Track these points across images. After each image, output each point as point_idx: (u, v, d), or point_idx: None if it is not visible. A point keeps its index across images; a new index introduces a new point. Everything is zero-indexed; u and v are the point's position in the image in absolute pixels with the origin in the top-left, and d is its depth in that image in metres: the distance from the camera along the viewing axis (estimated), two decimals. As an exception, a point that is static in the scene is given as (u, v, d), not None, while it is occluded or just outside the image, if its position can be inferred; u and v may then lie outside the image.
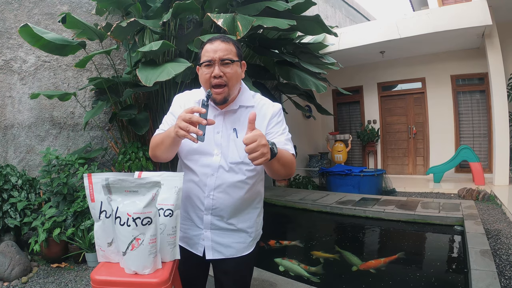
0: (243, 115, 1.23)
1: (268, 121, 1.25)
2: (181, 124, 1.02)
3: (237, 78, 1.20)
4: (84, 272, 2.80)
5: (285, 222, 4.76)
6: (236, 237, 1.28)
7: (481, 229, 3.17)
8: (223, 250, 1.28)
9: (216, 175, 1.21)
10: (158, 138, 1.22)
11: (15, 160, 3.48)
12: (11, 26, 3.51)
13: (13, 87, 3.52)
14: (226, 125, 1.23)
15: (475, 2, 5.08)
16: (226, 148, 1.21)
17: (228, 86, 1.17)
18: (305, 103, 7.17)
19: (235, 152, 1.20)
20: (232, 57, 1.17)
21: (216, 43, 1.17)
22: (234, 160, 1.20)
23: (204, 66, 1.18)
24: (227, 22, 2.97)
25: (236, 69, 1.19)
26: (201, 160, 1.22)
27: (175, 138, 1.09)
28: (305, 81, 4.06)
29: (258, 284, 2.28)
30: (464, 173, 6.59)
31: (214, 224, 1.26)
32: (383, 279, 2.62)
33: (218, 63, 1.15)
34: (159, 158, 1.25)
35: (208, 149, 1.21)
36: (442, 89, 6.96)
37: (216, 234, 1.27)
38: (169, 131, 1.12)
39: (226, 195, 1.22)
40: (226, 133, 1.22)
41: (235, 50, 1.20)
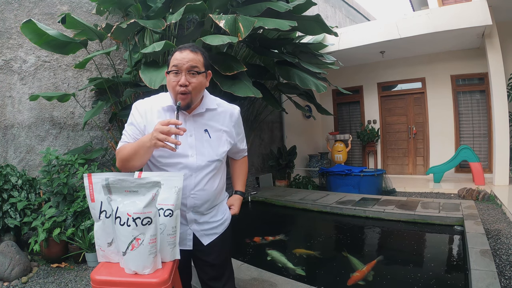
0: (211, 118, 1.36)
1: (235, 123, 1.43)
2: (160, 136, 1.10)
3: (201, 88, 1.29)
4: (84, 272, 2.80)
5: (285, 222, 4.76)
6: (218, 216, 1.45)
7: (481, 229, 3.17)
8: (214, 230, 1.43)
9: (194, 175, 1.31)
10: (129, 149, 1.25)
11: (15, 160, 3.48)
12: (11, 26, 3.51)
13: (13, 87, 3.52)
14: (197, 127, 1.33)
15: (475, 2, 5.08)
16: (201, 148, 1.31)
17: (191, 94, 1.25)
18: (305, 103, 7.17)
19: (211, 151, 1.33)
20: (199, 68, 1.25)
21: (185, 52, 1.24)
22: (211, 158, 1.33)
23: (172, 73, 1.24)
24: (229, 24, 2.97)
25: (201, 79, 1.27)
26: (179, 162, 1.29)
27: (150, 148, 1.17)
28: (305, 81, 4.06)
29: (258, 284, 2.28)
30: (464, 173, 6.60)
31: (196, 220, 1.38)
32: (383, 279, 2.62)
33: (185, 72, 1.22)
34: (130, 168, 1.29)
35: (183, 152, 1.28)
36: (442, 89, 6.96)
37: (202, 225, 1.40)
38: (143, 142, 1.18)
39: (204, 192, 1.34)
40: (198, 135, 1.32)
41: (202, 61, 1.27)
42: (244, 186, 1.62)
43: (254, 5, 3.68)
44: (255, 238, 3.68)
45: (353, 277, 2.59)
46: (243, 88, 3.39)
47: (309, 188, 6.26)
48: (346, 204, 4.64)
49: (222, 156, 1.37)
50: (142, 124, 1.31)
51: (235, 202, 1.55)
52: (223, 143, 1.37)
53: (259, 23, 3.22)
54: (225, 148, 1.38)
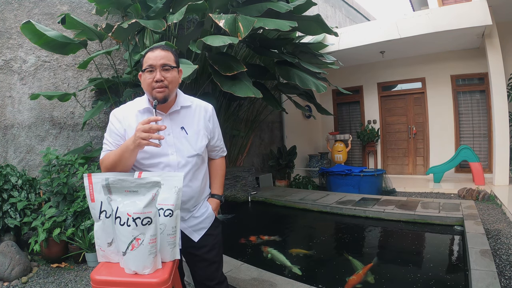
0: (186, 115, 1.41)
1: (209, 118, 1.47)
2: (142, 135, 1.13)
3: (176, 82, 1.35)
4: (84, 272, 2.80)
5: (285, 222, 4.76)
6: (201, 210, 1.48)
7: (481, 229, 3.17)
8: (201, 225, 1.46)
9: (176, 172, 1.33)
10: (113, 156, 1.27)
11: (15, 160, 3.48)
12: (11, 26, 3.51)
13: (13, 87, 3.52)
14: (174, 126, 1.37)
15: (475, 2, 5.08)
16: (180, 145, 1.36)
17: (168, 88, 1.30)
18: (305, 103, 7.17)
19: (189, 147, 1.37)
20: (171, 64, 1.32)
21: (157, 51, 1.31)
22: (190, 154, 1.37)
23: (147, 72, 1.30)
24: (229, 23, 2.97)
25: (175, 74, 1.34)
26: (161, 162, 1.32)
27: (134, 150, 1.20)
28: (305, 81, 4.06)
29: (258, 284, 2.28)
30: (464, 173, 6.60)
31: (183, 217, 1.41)
32: (382, 279, 2.62)
33: (159, 68, 1.29)
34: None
35: (163, 151, 1.32)
36: (442, 89, 6.96)
37: (188, 221, 1.43)
38: (126, 146, 1.22)
39: (189, 188, 1.37)
40: (176, 133, 1.36)
41: (173, 58, 1.34)
42: (221, 188, 1.61)
43: (255, 5, 3.68)
44: (250, 237, 3.69)
45: (350, 281, 2.55)
46: (244, 88, 3.39)
47: (309, 188, 6.26)
48: (346, 204, 4.64)
49: (201, 151, 1.41)
50: (121, 129, 1.34)
51: (211, 205, 1.54)
52: (201, 138, 1.42)
53: (259, 23, 3.22)
54: (203, 142, 1.42)
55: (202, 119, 1.44)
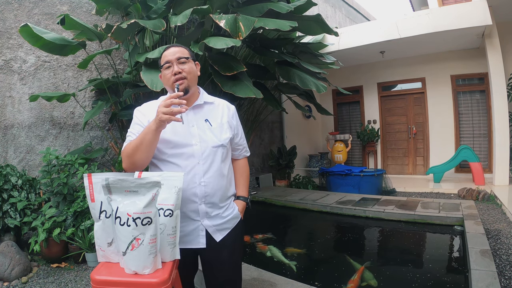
0: (210, 109, 1.45)
1: (232, 116, 1.50)
2: (164, 110, 1.16)
3: (194, 73, 1.39)
4: (84, 272, 2.80)
5: (285, 222, 4.76)
6: (228, 210, 1.45)
7: (481, 229, 3.17)
8: (226, 225, 1.42)
9: (201, 162, 1.34)
10: (135, 142, 1.27)
11: (15, 160, 3.48)
12: (11, 26, 3.51)
13: (13, 87, 3.52)
14: (198, 118, 1.40)
15: (475, 2, 5.08)
16: (204, 136, 1.37)
17: (187, 79, 1.35)
18: (305, 103, 7.17)
19: (214, 137, 1.38)
20: (186, 56, 1.37)
21: (171, 49, 1.39)
22: (215, 144, 1.37)
23: (165, 68, 1.36)
24: (229, 23, 2.96)
25: (191, 65, 1.38)
26: (184, 152, 1.33)
27: (156, 130, 1.20)
28: (305, 81, 4.06)
29: (258, 284, 2.28)
30: (464, 173, 6.59)
31: (208, 213, 1.37)
32: (382, 279, 2.62)
33: (175, 62, 1.34)
34: (138, 163, 1.29)
35: (187, 142, 1.34)
36: (442, 89, 6.96)
37: (214, 219, 1.39)
38: (148, 127, 1.23)
39: (214, 179, 1.36)
40: (200, 125, 1.39)
41: (188, 52, 1.40)
42: (246, 190, 1.59)
43: (255, 5, 3.67)
44: (248, 237, 3.71)
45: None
46: (244, 88, 3.39)
47: (309, 188, 6.26)
48: (346, 204, 4.64)
49: (226, 142, 1.41)
50: (145, 121, 1.35)
51: (238, 207, 1.52)
52: (225, 130, 1.43)
53: (259, 23, 3.22)
54: (227, 134, 1.43)
55: (225, 115, 1.46)
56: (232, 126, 1.48)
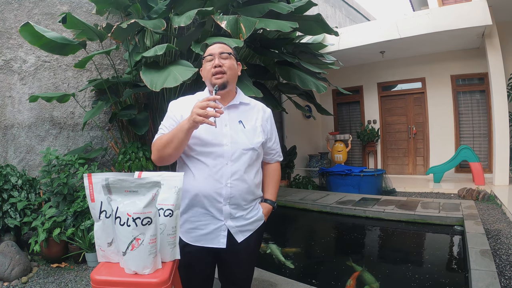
0: (245, 110, 1.43)
1: (267, 119, 1.47)
2: (199, 111, 1.15)
3: (234, 70, 1.38)
4: (84, 272, 2.80)
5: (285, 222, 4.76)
6: (253, 212, 1.43)
7: (481, 229, 3.17)
8: (249, 227, 1.40)
9: (230, 164, 1.31)
10: (166, 137, 1.28)
11: (15, 160, 3.48)
12: (11, 26, 3.51)
13: (13, 87, 3.52)
14: (232, 118, 1.37)
15: (475, 2, 5.08)
16: (236, 137, 1.34)
17: (226, 74, 1.33)
18: (305, 103, 7.17)
19: (245, 140, 1.36)
20: (229, 51, 1.38)
21: (215, 44, 1.39)
22: (246, 147, 1.35)
23: (207, 61, 1.37)
24: (230, 24, 2.97)
25: (233, 62, 1.37)
26: (214, 152, 1.31)
27: (189, 130, 1.20)
28: (305, 81, 4.06)
29: (258, 284, 2.28)
30: (464, 173, 6.59)
31: (232, 214, 1.35)
32: (383, 279, 2.62)
33: (217, 56, 1.35)
34: (166, 158, 1.31)
35: (218, 141, 1.32)
36: (442, 89, 6.96)
37: (237, 220, 1.37)
38: (181, 125, 1.22)
39: (241, 182, 1.33)
40: (233, 125, 1.36)
41: (231, 50, 1.40)
42: (274, 194, 1.56)
43: (256, 6, 3.68)
44: None
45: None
46: (244, 88, 3.39)
47: (309, 188, 6.26)
48: (346, 204, 4.64)
49: (257, 146, 1.39)
50: (179, 114, 1.35)
51: (263, 209, 1.49)
52: (258, 134, 1.40)
53: (260, 24, 3.22)
54: (260, 138, 1.40)
55: (260, 118, 1.44)
56: (266, 130, 1.45)
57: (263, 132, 1.43)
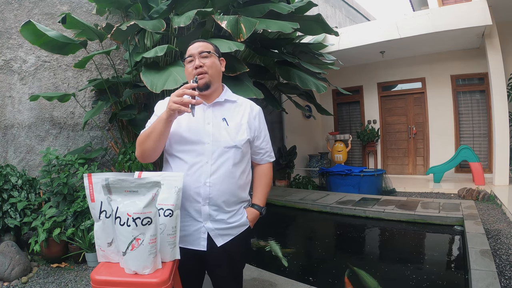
0: (230, 108, 1.39)
1: (254, 117, 1.42)
2: (175, 99, 1.15)
3: (216, 68, 1.35)
4: (84, 272, 2.80)
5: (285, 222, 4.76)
6: (235, 217, 1.38)
7: (481, 229, 3.17)
8: (230, 231, 1.35)
9: (210, 162, 1.29)
10: (147, 131, 1.28)
11: (15, 160, 3.48)
12: (11, 26, 3.51)
13: (13, 87, 3.52)
14: (216, 116, 1.35)
15: (475, 2, 5.08)
16: (218, 135, 1.32)
17: (208, 73, 1.31)
18: (305, 103, 7.17)
19: (228, 138, 1.32)
20: (209, 50, 1.34)
21: (195, 43, 1.37)
22: (228, 144, 1.31)
23: (187, 62, 1.35)
24: (231, 25, 2.97)
25: (214, 60, 1.35)
26: (195, 149, 1.29)
27: (167, 120, 1.19)
28: (305, 81, 4.06)
29: (258, 284, 2.28)
30: (464, 173, 6.59)
31: (212, 216, 1.31)
32: (382, 279, 2.62)
33: (197, 56, 1.32)
34: (148, 152, 1.29)
35: (200, 139, 1.30)
36: (442, 89, 6.96)
37: (217, 223, 1.33)
38: (160, 117, 1.22)
39: (221, 182, 1.30)
40: (216, 123, 1.34)
41: (212, 47, 1.37)
42: (263, 199, 1.49)
43: (257, 6, 3.68)
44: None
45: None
46: (245, 89, 3.40)
47: (309, 188, 6.26)
48: (346, 204, 4.64)
49: (241, 144, 1.33)
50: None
51: (248, 215, 1.42)
52: (242, 131, 1.35)
53: (261, 25, 3.23)
54: (244, 136, 1.35)
55: (246, 115, 1.39)
56: (253, 128, 1.40)
57: (249, 129, 1.38)
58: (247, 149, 1.40)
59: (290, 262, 3.02)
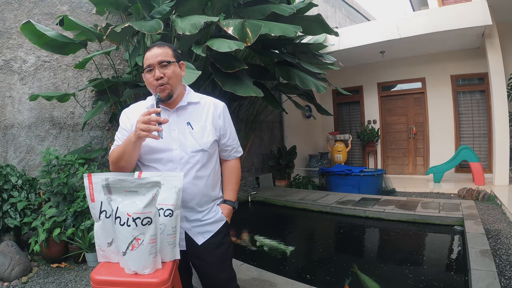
0: (194, 111, 1.39)
1: (219, 115, 1.42)
2: (142, 126, 1.15)
3: (176, 77, 1.33)
4: (84, 272, 2.80)
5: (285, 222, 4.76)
6: (210, 214, 1.41)
7: (481, 229, 3.17)
8: (207, 228, 1.40)
9: (179, 167, 1.31)
10: (117, 150, 1.29)
11: (15, 160, 3.48)
12: (11, 26, 3.51)
13: (13, 87, 3.52)
14: (180, 121, 1.36)
15: (475, 2, 5.08)
16: (184, 141, 1.33)
17: (169, 84, 1.30)
18: (305, 103, 7.17)
19: (194, 142, 1.34)
20: (169, 59, 1.31)
21: (153, 50, 1.31)
22: (194, 149, 1.33)
23: (147, 72, 1.31)
24: (237, 30, 3.00)
25: (174, 69, 1.32)
26: (164, 157, 1.31)
27: (136, 143, 1.20)
28: (305, 81, 4.06)
29: (258, 284, 2.28)
30: (464, 173, 6.59)
31: (187, 217, 1.36)
32: (382, 279, 2.62)
33: (157, 66, 1.28)
34: (123, 169, 1.32)
35: (167, 146, 1.31)
36: (442, 89, 6.96)
37: (192, 222, 1.37)
38: (129, 139, 1.22)
39: (192, 185, 1.33)
40: (181, 128, 1.34)
41: (171, 53, 1.33)
42: (234, 194, 1.53)
43: (258, 7, 3.69)
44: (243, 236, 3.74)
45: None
46: (244, 87, 3.39)
47: (309, 188, 6.26)
48: (346, 204, 4.64)
49: (207, 147, 1.36)
50: (129, 125, 1.36)
51: (222, 211, 1.47)
52: (208, 134, 1.37)
53: (265, 29, 3.24)
54: (209, 138, 1.37)
55: (210, 115, 1.40)
56: (218, 127, 1.41)
57: (214, 130, 1.39)
58: (214, 149, 1.43)
59: (290, 262, 3.02)
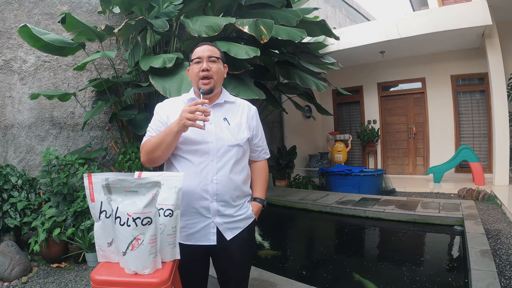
0: (229, 109, 1.46)
1: (252, 116, 1.49)
2: (188, 116, 1.19)
3: (221, 74, 1.42)
4: (84, 272, 2.80)
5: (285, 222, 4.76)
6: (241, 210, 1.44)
7: (481, 229, 3.17)
8: (238, 224, 1.41)
9: (215, 160, 1.34)
10: (154, 140, 1.31)
11: (15, 160, 3.48)
12: (11, 26, 3.51)
13: (13, 87, 3.52)
14: (217, 116, 1.40)
15: (475, 2, 5.08)
16: (221, 134, 1.37)
17: (213, 79, 1.37)
18: (305, 103, 7.17)
19: (230, 136, 1.38)
20: (217, 56, 1.41)
21: (204, 46, 1.42)
22: (231, 143, 1.37)
23: (195, 63, 1.39)
24: (252, 28, 3.03)
25: (220, 66, 1.41)
26: (200, 149, 1.34)
27: (178, 132, 1.24)
28: (305, 80, 4.07)
29: (258, 284, 2.28)
30: (464, 173, 6.59)
31: (220, 211, 1.36)
32: (382, 279, 2.62)
33: (206, 59, 1.37)
34: (156, 160, 1.35)
35: (204, 139, 1.34)
36: (442, 89, 6.96)
37: (225, 217, 1.38)
38: (170, 128, 1.26)
39: (227, 178, 1.35)
40: (218, 123, 1.39)
41: (219, 53, 1.43)
42: (263, 192, 1.58)
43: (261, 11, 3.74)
44: None
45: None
46: (246, 89, 3.41)
47: (309, 188, 6.26)
48: (346, 204, 4.64)
49: (243, 142, 1.41)
50: (165, 116, 1.39)
51: (253, 208, 1.51)
52: (243, 130, 1.43)
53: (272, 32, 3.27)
54: (245, 134, 1.42)
55: (245, 115, 1.46)
56: (251, 127, 1.47)
57: (249, 129, 1.45)
58: (247, 146, 1.47)
59: (290, 262, 3.02)
